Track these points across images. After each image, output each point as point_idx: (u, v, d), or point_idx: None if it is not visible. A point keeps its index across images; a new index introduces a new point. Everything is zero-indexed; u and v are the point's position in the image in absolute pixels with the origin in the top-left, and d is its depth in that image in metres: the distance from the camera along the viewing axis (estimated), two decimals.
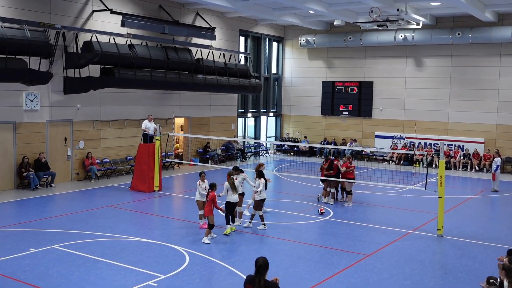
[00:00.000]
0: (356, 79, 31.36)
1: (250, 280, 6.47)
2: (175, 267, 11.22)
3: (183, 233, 13.96)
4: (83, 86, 20.39)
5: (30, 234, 13.50)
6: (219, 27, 28.03)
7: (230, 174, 14.21)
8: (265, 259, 6.53)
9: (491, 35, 26.40)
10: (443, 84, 28.77)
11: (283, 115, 34.41)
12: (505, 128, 27.16)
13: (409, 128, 29.57)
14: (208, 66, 25.87)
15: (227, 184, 13.89)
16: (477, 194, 20.95)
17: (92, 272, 10.80)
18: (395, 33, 28.72)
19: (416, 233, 14.61)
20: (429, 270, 11.55)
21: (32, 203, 17.46)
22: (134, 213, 16.45)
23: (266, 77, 33.06)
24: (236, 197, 13.99)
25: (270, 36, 32.87)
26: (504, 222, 16.34)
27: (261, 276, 6.37)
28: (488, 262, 11.96)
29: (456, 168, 27.50)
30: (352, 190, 18.01)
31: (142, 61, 22.31)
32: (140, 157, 19.96)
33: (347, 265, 11.60)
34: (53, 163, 20.41)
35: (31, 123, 19.86)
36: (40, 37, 18.42)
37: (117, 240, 13.13)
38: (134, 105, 23.83)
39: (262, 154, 32.07)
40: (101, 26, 21.87)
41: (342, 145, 29.86)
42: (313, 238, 14.08)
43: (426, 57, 29.24)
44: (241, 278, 10.66)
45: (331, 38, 31.16)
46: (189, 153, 26.83)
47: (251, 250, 12.80)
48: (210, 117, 28.49)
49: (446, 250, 13.26)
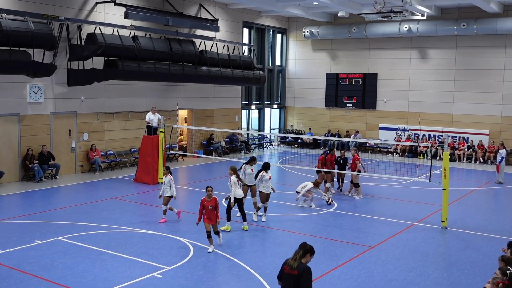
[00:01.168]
0: (360, 70, 31.26)
1: (287, 262, 6.67)
2: (179, 258, 11.26)
3: (187, 225, 13.99)
4: (87, 78, 20.39)
5: (35, 226, 13.56)
6: (222, 18, 27.94)
7: (234, 170, 13.73)
8: (311, 246, 6.80)
9: (496, 26, 26.25)
10: (448, 76, 28.66)
11: (287, 107, 34.37)
12: (510, 120, 27.05)
13: (413, 120, 29.49)
14: (211, 58, 25.82)
15: (234, 179, 13.44)
16: (482, 186, 20.92)
17: (96, 263, 10.85)
18: (399, 25, 28.59)
19: (420, 225, 14.62)
20: (433, 262, 11.56)
21: (37, 195, 17.53)
22: (139, 205, 16.49)
23: (270, 69, 32.99)
24: (241, 192, 13.70)
25: (274, 28, 32.77)
26: (509, 214, 16.32)
27: (299, 256, 6.62)
28: (492, 254, 11.95)
29: (460, 160, 27.44)
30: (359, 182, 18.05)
31: (145, 53, 22.28)
32: (144, 149, 19.99)
33: (351, 257, 11.62)
34: (58, 155, 20.45)
35: (35, 115, 19.89)
36: (43, 29, 18.41)
37: (122, 232, 13.17)
38: (138, 97, 23.83)
39: (266, 146, 32.06)
40: (105, 18, 21.84)
41: (346, 137, 29.82)
42: (317, 230, 14.09)
43: (431, 49, 29.10)
44: (245, 269, 10.70)
45: (335, 29, 31.04)
46: (193, 145, 26.85)
47: (255, 242, 12.83)
48: (214, 109, 28.47)
49: (450, 242, 13.26)
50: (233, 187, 13.39)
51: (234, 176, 13.52)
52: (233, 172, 13.61)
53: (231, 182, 13.43)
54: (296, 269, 6.49)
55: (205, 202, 11.86)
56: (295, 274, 6.47)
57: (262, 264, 11.02)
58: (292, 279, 6.49)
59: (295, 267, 6.50)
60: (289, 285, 6.53)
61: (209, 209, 11.82)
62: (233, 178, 13.48)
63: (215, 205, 11.87)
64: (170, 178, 14.23)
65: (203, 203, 11.87)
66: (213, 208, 11.85)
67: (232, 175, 13.56)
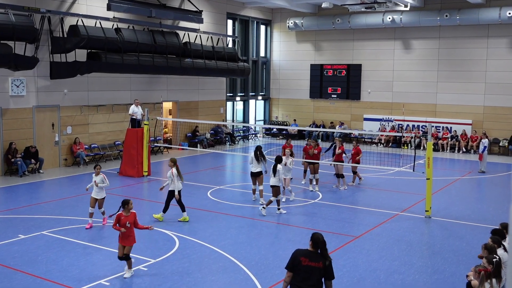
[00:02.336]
0: (345, 61, 31.33)
1: (305, 254, 6.67)
2: (165, 251, 11.25)
3: (172, 217, 13.96)
4: (69, 71, 20.20)
5: (18, 221, 13.45)
6: (206, 10, 27.80)
7: (174, 162, 13.54)
8: (322, 235, 6.77)
9: (479, 16, 26.43)
10: (431, 66, 28.84)
11: (271, 99, 34.36)
12: (492, 109, 27.33)
13: (397, 111, 29.67)
14: (195, 50, 25.70)
15: (175, 171, 13.32)
16: (465, 176, 21.14)
17: (82, 257, 10.80)
18: (383, 15, 28.67)
19: (404, 215, 14.74)
20: (417, 251, 11.68)
21: (20, 189, 17.38)
22: (124, 198, 16.37)
23: (254, 60, 32.93)
24: (180, 184, 13.51)
25: (258, 19, 32.68)
26: (491, 203, 16.52)
27: (324, 251, 6.64)
28: (475, 242, 12.11)
29: (443, 149, 27.69)
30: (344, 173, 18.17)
31: (129, 45, 22.11)
32: (129, 142, 19.88)
33: (336, 247, 11.70)
34: (41, 149, 20.26)
35: (17, 109, 19.67)
36: (25, 22, 18.18)
37: (107, 226, 13.12)
38: (122, 89, 23.66)
39: (251, 138, 32.07)
40: (87, 10, 21.62)
41: (330, 128, 29.93)
42: (302, 221, 14.16)
43: (414, 39, 29.25)
44: (230, 261, 10.73)
45: (319, 20, 31.05)
46: (178, 138, 26.76)
47: (240, 233, 12.85)
48: (199, 101, 28.39)
49: (434, 231, 13.40)
50: (175, 179, 13.34)
51: (174, 168, 13.47)
52: (173, 164, 13.56)
53: (172, 174, 13.35)
54: (321, 260, 6.58)
55: (122, 217, 9.88)
56: (320, 267, 6.57)
57: (248, 256, 11.06)
58: (316, 271, 6.57)
59: (319, 259, 6.60)
60: (312, 278, 6.57)
61: (126, 226, 9.81)
62: (174, 170, 13.42)
63: (133, 221, 9.91)
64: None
65: (119, 218, 9.85)
66: (131, 226, 9.90)
67: (172, 167, 13.51)
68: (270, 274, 10.04)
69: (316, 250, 6.66)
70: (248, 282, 9.69)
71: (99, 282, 9.54)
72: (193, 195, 16.53)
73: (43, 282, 9.54)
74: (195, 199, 16.01)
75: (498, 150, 26.88)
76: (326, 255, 6.63)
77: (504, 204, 16.09)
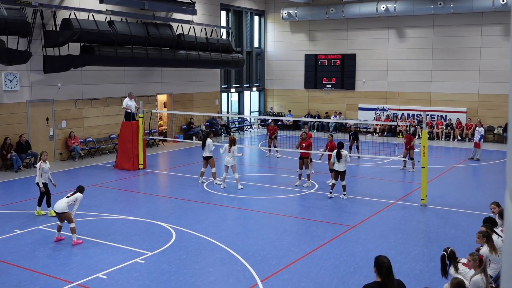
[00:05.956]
0: (339, 51, 31.29)
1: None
2: (162, 243, 11.26)
3: (169, 210, 13.98)
4: (63, 64, 20.11)
5: (14, 216, 13.44)
6: (199, 1, 27.67)
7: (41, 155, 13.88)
8: (387, 258, 6.08)
9: (472, 4, 26.41)
10: (425, 55, 28.84)
11: (266, 90, 34.32)
12: (486, 97, 27.37)
13: (392, 100, 29.68)
14: (189, 42, 25.62)
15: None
16: (460, 164, 21.20)
17: (78, 251, 10.80)
18: (377, 4, 28.62)
19: (400, 203, 14.79)
20: (413, 239, 11.73)
21: (15, 184, 17.34)
22: (119, 191, 16.41)
23: (248, 51, 32.84)
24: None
25: (252, 10, 32.57)
26: (486, 191, 16.58)
27: (391, 276, 5.92)
28: (470, 230, 12.15)
29: (439, 138, 27.75)
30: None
31: (122, 38, 22.02)
32: (124, 135, 19.84)
33: (332, 237, 11.73)
34: (36, 143, 20.21)
35: (11, 103, 19.59)
36: (17, 16, 18.05)
37: (103, 219, 13.12)
38: (116, 82, 23.58)
39: (246, 129, 32.05)
40: (80, 3, 21.49)
41: (325, 118, 29.93)
42: (299, 211, 14.19)
43: (408, 28, 29.23)
44: (227, 252, 10.75)
45: (313, 10, 30.96)
46: (173, 130, 26.73)
47: (237, 225, 12.88)
48: (193, 93, 28.33)
49: (430, 219, 13.46)
50: (40, 171, 13.38)
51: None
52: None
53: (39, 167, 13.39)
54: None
55: None
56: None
57: (245, 247, 11.08)
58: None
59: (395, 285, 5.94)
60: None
61: None
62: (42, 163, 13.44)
63: None
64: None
65: None
66: None
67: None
68: (267, 265, 10.07)
69: (383, 280, 5.88)
70: (245, 273, 9.72)
71: (97, 276, 9.55)
72: (189, 187, 16.53)
73: (41, 276, 9.54)
74: (191, 191, 16.02)
75: (493, 137, 26.94)
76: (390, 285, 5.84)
77: (500, 191, 16.14)
